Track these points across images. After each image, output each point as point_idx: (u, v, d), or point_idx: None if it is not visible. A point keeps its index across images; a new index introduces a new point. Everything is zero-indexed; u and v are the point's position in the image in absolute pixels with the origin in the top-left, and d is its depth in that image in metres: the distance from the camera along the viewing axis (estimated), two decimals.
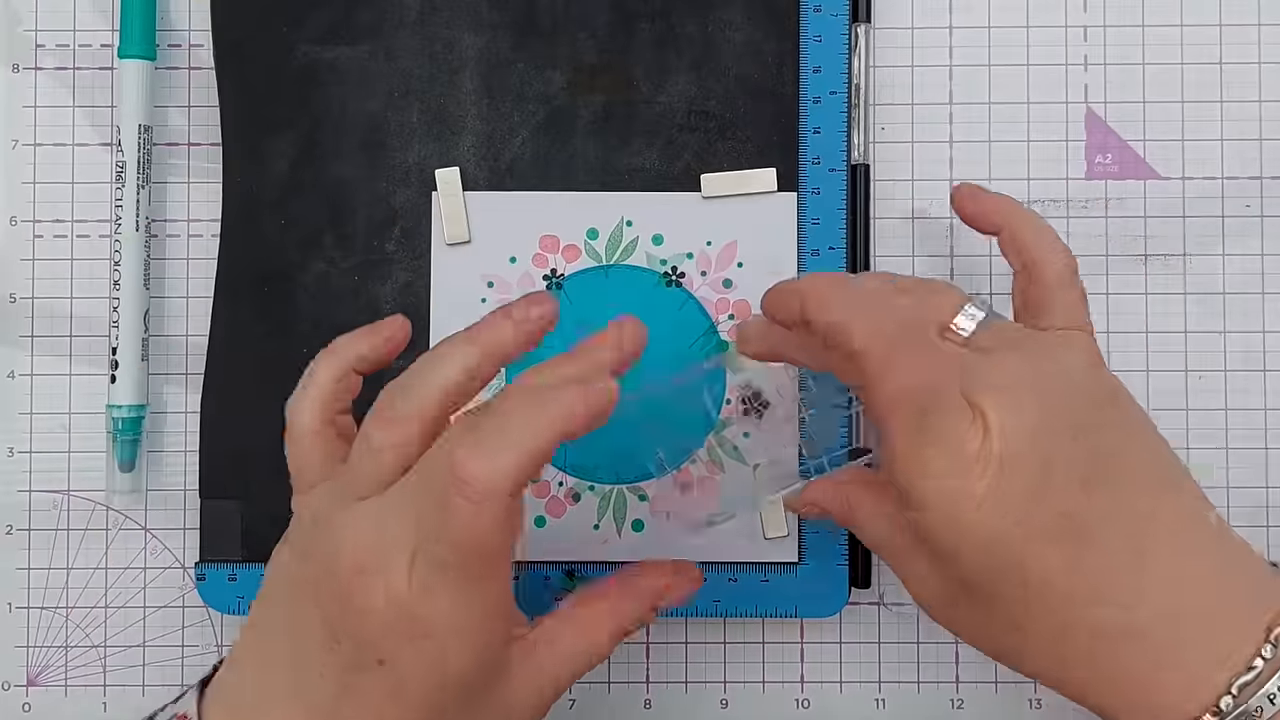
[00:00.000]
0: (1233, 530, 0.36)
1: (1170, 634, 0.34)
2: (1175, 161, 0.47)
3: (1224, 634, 0.34)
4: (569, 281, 0.46)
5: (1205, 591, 0.35)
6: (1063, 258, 0.39)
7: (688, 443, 0.45)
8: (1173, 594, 0.34)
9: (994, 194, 0.41)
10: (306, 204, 0.46)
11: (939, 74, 0.47)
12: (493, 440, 0.33)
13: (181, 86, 0.47)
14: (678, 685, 0.47)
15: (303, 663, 0.35)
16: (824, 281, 0.38)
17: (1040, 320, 0.38)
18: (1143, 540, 0.35)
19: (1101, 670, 0.35)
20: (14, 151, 0.47)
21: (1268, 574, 0.36)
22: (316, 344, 0.46)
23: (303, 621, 0.35)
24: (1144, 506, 0.35)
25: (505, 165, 0.46)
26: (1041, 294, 0.38)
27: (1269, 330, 0.47)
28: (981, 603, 0.36)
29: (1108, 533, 0.34)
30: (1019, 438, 0.34)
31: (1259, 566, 0.36)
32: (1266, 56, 0.47)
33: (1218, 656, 0.34)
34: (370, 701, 0.35)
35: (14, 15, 0.47)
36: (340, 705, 0.35)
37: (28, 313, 0.47)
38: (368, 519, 0.35)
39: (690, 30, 0.46)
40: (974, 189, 0.41)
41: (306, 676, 0.35)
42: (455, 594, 0.34)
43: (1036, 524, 0.34)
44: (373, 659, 0.34)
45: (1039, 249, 0.39)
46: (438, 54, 0.46)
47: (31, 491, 0.47)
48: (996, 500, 0.34)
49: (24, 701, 0.46)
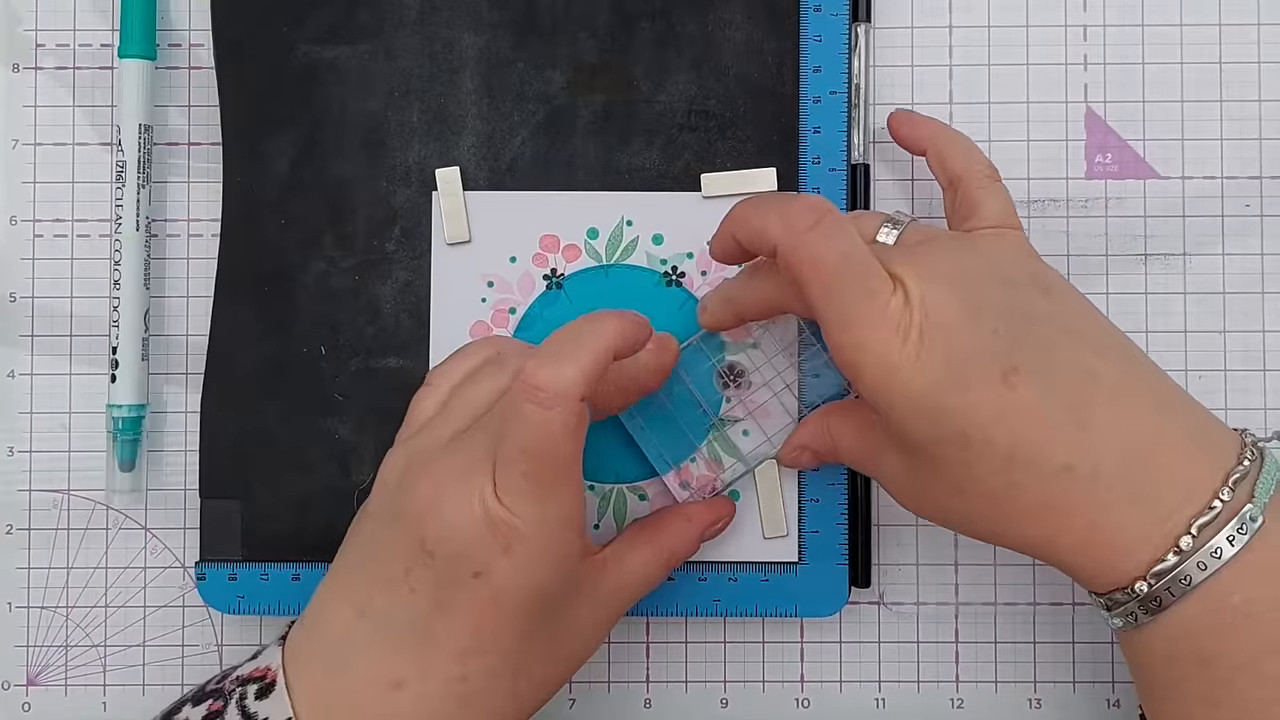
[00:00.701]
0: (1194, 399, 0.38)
1: (1123, 477, 0.35)
2: (1175, 161, 0.47)
3: (1181, 477, 0.35)
4: (569, 281, 0.46)
5: (1156, 442, 0.35)
6: (983, 164, 0.41)
7: (688, 441, 0.45)
8: (1119, 446, 0.35)
9: (924, 117, 0.44)
10: (306, 204, 0.46)
11: (939, 74, 0.47)
12: (558, 351, 0.36)
13: (181, 86, 0.47)
14: (678, 685, 0.47)
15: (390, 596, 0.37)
16: (742, 202, 0.40)
17: (967, 224, 0.40)
18: (1085, 395, 0.35)
19: (1051, 524, 0.36)
20: (14, 151, 0.47)
21: (1226, 431, 0.37)
22: (316, 344, 0.46)
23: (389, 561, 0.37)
24: (1083, 366, 0.36)
25: (505, 165, 0.46)
26: (966, 200, 0.41)
27: (1269, 330, 0.47)
28: (928, 470, 0.37)
29: (1046, 389, 0.35)
30: (941, 308, 0.35)
31: (1217, 425, 0.37)
32: (1266, 56, 0.47)
33: (1175, 499, 0.35)
34: (468, 613, 0.36)
35: (14, 15, 0.47)
36: (434, 622, 0.37)
37: (28, 312, 0.47)
38: (454, 450, 0.38)
39: (690, 30, 0.46)
40: (907, 114, 0.44)
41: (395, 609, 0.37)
42: (535, 501, 0.36)
43: (970, 383, 0.35)
44: (468, 572, 0.36)
45: (960, 159, 0.41)
46: (438, 54, 0.46)
47: (31, 491, 0.47)
48: (922, 361, 0.35)
49: (24, 701, 0.46)
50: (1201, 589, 0.34)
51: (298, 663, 0.38)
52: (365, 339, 0.46)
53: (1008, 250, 0.39)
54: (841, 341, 0.36)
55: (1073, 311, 0.38)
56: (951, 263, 0.37)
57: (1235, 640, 0.34)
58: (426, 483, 0.37)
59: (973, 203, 0.40)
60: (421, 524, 0.36)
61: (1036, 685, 0.46)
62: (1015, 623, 0.46)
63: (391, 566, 0.37)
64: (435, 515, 0.36)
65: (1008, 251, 0.39)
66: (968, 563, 0.47)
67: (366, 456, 0.45)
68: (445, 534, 0.36)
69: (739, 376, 0.45)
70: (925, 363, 0.35)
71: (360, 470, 0.45)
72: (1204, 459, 0.35)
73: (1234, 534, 0.34)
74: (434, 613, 0.37)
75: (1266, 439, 0.40)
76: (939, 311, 0.35)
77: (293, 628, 0.40)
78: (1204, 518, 0.34)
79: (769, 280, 0.41)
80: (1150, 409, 0.36)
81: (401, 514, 0.37)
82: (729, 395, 0.45)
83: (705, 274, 0.46)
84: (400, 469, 0.39)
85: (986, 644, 0.46)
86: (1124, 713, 0.46)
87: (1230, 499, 0.34)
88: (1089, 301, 0.39)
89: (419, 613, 0.37)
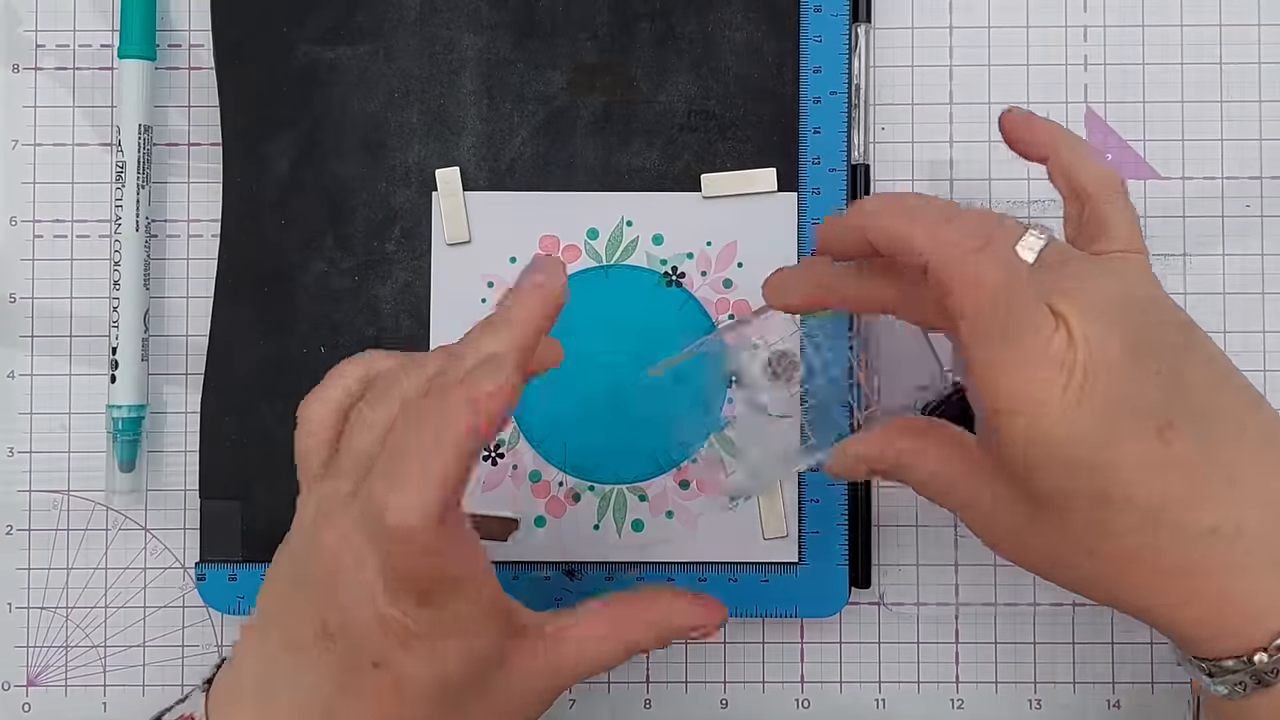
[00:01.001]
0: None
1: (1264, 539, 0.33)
2: (1175, 161, 0.47)
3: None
4: (569, 281, 0.46)
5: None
6: (1113, 179, 0.38)
7: (689, 441, 0.45)
8: (1262, 509, 0.33)
9: (1043, 120, 0.39)
10: (306, 204, 0.46)
11: (939, 74, 0.47)
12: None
13: (181, 86, 0.47)
14: (678, 685, 0.47)
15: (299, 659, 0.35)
16: (883, 199, 0.35)
17: (1095, 245, 0.37)
18: (1232, 456, 0.33)
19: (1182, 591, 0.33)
20: (14, 151, 0.47)
21: None
22: (316, 344, 0.46)
23: (297, 618, 0.35)
24: (1232, 424, 0.34)
25: (505, 165, 0.46)
26: (1095, 218, 0.37)
27: (1269, 330, 0.47)
28: (1054, 523, 0.34)
29: (1196, 448, 0.33)
30: (1104, 347, 0.32)
31: None
32: (1266, 56, 0.47)
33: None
34: (371, 699, 0.34)
35: (14, 15, 0.47)
36: (338, 703, 0.34)
37: (28, 313, 0.47)
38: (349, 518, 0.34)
39: (690, 30, 0.46)
40: (1025, 116, 0.39)
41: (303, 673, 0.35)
42: (426, 608, 0.33)
43: (1121, 437, 0.32)
44: (367, 661, 0.34)
45: (1090, 172, 0.38)
46: (438, 54, 0.46)
47: (31, 491, 0.47)
48: (1080, 409, 0.32)
49: (24, 701, 0.46)
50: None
51: (223, 706, 0.36)
52: (365, 339, 0.46)
53: (1143, 282, 0.36)
54: (993, 380, 0.33)
55: (1211, 353, 0.35)
56: (1106, 294, 0.34)
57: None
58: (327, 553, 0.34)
59: (1102, 221, 0.37)
60: (323, 603, 0.34)
61: (1036, 686, 0.46)
62: (1015, 623, 0.46)
63: (299, 631, 0.35)
64: (333, 599, 0.33)
65: (1144, 283, 0.36)
66: (968, 563, 0.47)
67: None
68: (344, 621, 0.34)
69: (790, 369, 0.42)
70: (1085, 410, 0.32)
71: None
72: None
73: None
74: (337, 694, 0.34)
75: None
76: (1104, 351, 0.32)
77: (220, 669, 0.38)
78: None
79: (890, 284, 0.36)
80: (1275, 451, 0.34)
81: (308, 579, 0.34)
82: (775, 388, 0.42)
83: (705, 274, 0.46)
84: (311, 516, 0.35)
85: (986, 644, 0.46)
86: (1124, 713, 0.46)
87: None
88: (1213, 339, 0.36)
89: (324, 684, 0.34)
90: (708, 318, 0.46)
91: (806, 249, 0.46)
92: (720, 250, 0.46)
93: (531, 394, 0.46)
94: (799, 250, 0.46)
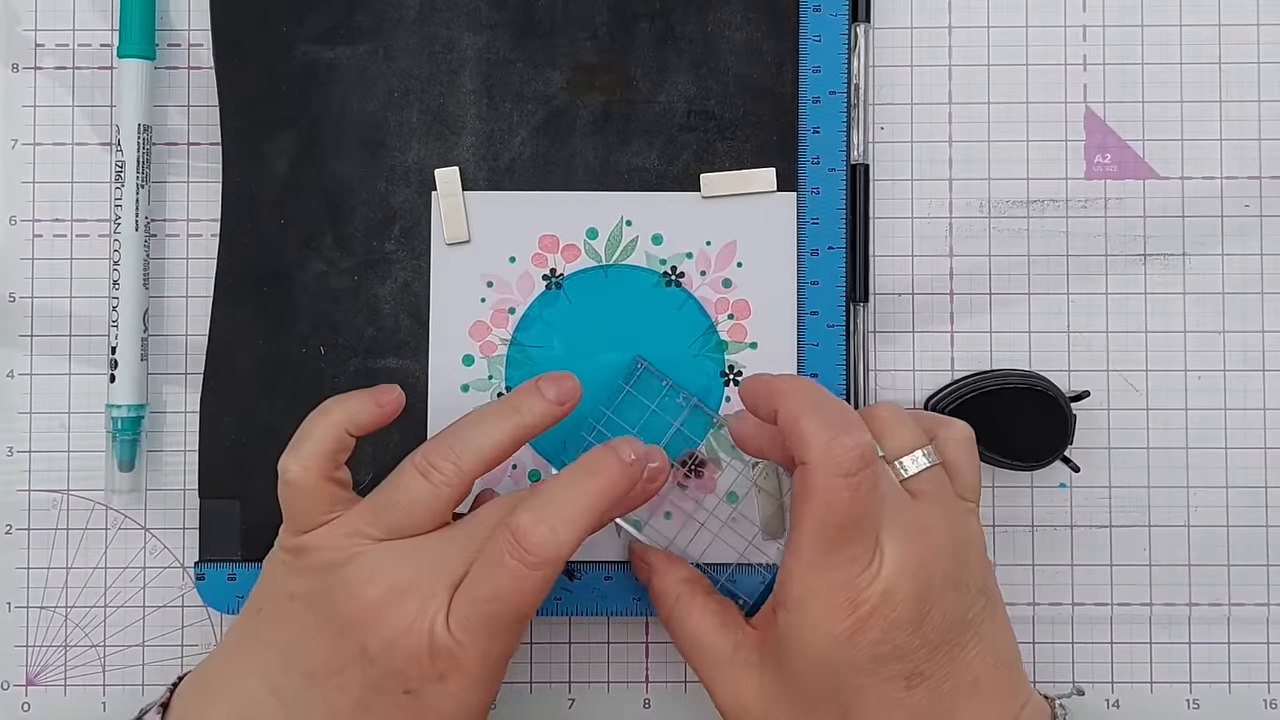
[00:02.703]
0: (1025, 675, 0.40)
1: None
2: (1174, 161, 0.47)
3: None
4: (569, 281, 0.46)
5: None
6: (961, 427, 0.41)
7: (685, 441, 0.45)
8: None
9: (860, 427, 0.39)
10: (306, 204, 0.46)
11: (939, 74, 0.47)
12: (554, 509, 0.37)
13: (181, 86, 0.47)
14: (677, 685, 0.47)
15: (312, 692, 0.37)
16: (802, 389, 0.39)
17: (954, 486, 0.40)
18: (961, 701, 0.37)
19: None
20: (14, 151, 0.47)
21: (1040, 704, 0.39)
22: (316, 344, 0.46)
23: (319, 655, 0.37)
24: (974, 676, 0.38)
25: (505, 165, 0.46)
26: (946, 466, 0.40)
27: (1268, 330, 0.47)
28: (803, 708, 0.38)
29: (933, 700, 0.37)
30: (899, 604, 0.36)
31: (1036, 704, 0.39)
32: (1266, 56, 0.47)
33: None
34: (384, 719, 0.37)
35: (14, 15, 0.47)
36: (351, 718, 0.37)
37: (27, 312, 0.47)
38: (405, 559, 0.38)
39: (690, 30, 0.46)
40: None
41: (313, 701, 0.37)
42: (489, 642, 0.37)
43: (876, 673, 0.37)
44: (399, 687, 0.37)
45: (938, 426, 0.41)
46: (437, 54, 0.46)
47: (31, 491, 0.47)
48: (851, 641, 0.36)
49: (23, 701, 0.46)
50: None
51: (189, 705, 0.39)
52: (364, 339, 0.46)
53: (975, 543, 0.40)
54: (799, 581, 0.37)
55: (994, 619, 0.39)
56: (932, 546, 0.37)
57: None
58: (373, 586, 0.37)
59: (953, 471, 0.40)
60: (363, 628, 0.37)
61: (1036, 685, 0.46)
62: (1015, 623, 0.46)
63: (321, 660, 0.37)
64: (380, 625, 0.37)
65: (975, 545, 0.39)
66: None
67: (364, 456, 0.45)
68: (387, 648, 0.37)
69: (700, 467, 0.45)
70: (857, 641, 0.36)
71: (358, 470, 0.45)
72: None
73: None
74: (358, 711, 0.37)
75: (1065, 696, 0.41)
76: (894, 605, 0.36)
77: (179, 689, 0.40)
78: None
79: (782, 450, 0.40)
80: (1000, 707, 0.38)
81: (339, 611, 0.37)
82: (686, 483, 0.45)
83: (704, 274, 0.46)
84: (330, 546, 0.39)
85: None
86: (1124, 713, 0.46)
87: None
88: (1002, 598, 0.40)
89: (340, 710, 0.37)
90: (707, 317, 0.46)
91: (806, 248, 0.46)
92: (720, 250, 0.46)
93: None
94: (798, 250, 0.46)
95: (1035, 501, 0.47)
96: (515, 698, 0.47)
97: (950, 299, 0.47)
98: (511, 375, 0.46)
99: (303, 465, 0.40)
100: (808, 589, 0.37)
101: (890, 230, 0.47)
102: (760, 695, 0.39)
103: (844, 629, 0.36)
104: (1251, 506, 0.46)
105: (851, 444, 0.36)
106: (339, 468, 0.40)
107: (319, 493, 0.40)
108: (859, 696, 0.37)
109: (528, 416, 0.39)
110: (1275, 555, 0.46)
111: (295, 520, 0.40)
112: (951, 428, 0.41)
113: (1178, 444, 0.47)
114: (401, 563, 0.37)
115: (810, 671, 0.37)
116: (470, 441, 0.39)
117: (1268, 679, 0.46)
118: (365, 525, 0.39)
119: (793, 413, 0.37)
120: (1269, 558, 0.46)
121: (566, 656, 0.47)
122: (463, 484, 0.39)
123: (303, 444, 0.40)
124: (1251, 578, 0.46)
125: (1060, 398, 0.45)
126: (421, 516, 0.38)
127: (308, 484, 0.39)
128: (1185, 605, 0.47)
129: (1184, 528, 0.47)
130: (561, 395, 0.40)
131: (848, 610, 0.36)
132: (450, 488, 0.38)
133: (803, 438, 0.37)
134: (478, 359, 0.46)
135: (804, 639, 0.37)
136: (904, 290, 0.47)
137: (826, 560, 0.36)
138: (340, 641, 0.37)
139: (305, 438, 0.40)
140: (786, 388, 0.38)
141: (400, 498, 0.39)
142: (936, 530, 0.38)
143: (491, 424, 0.39)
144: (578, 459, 0.39)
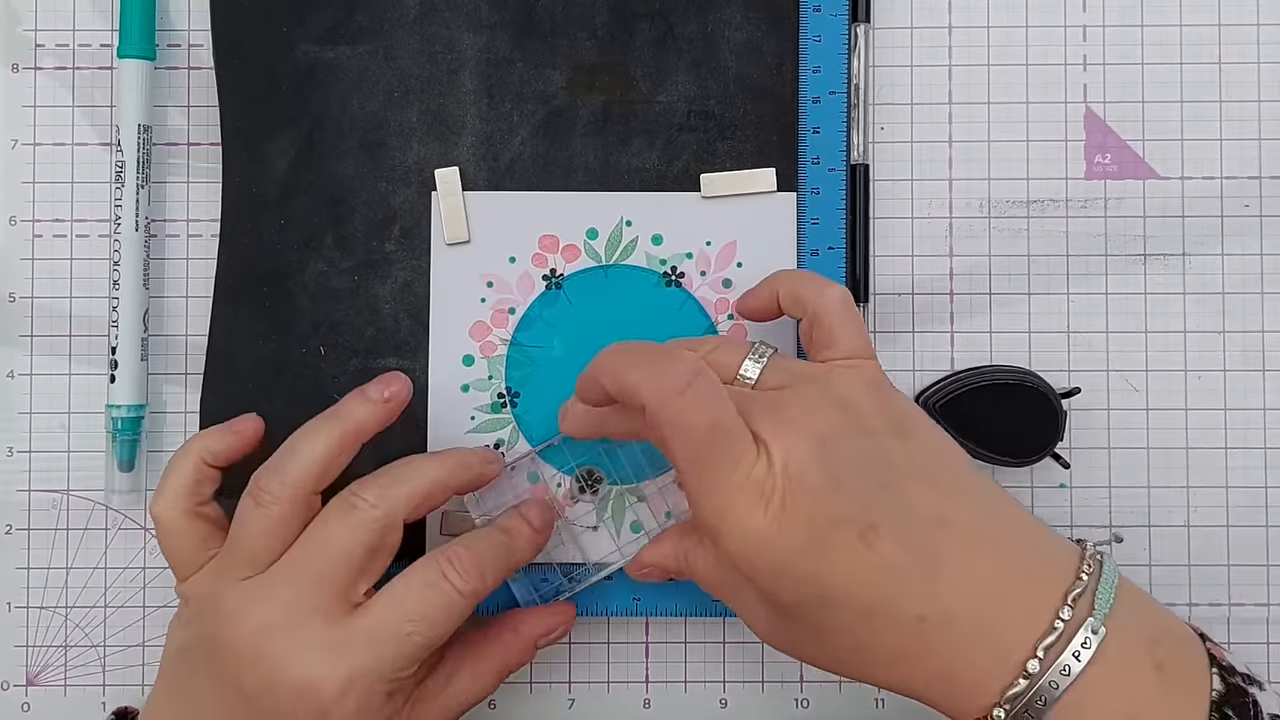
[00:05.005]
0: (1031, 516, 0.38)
1: (972, 619, 0.35)
2: (1174, 161, 0.47)
3: (1023, 607, 0.35)
4: (568, 281, 0.46)
5: (1001, 579, 0.36)
6: (834, 290, 0.41)
7: None
8: (968, 590, 0.36)
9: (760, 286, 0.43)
10: (306, 204, 0.46)
11: (938, 74, 0.47)
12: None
13: (181, 86, 0.47)
14: (677, 685, 0.47)
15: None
16: (614, 351, 0.39)
17: (825, 354, 0.40)
18: (936, 544, 0.36)
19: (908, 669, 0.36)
20: (14, 151, 0.47)
21: (1065, 549, 0.37)
22: (316, 344, 0.46)
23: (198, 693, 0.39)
24: (937, 514, 0.36)
25: (505, 165, 0.46)
26: (822, 331, 0.40)
27: (1268, 330, 0.47)
28: (787, 618, 0.37)
29: (899, 546, 0.35)
30: (802, 473, 0.36)
31: (1058, 543, 0.37)
32: (1266, 56, 0.47)
33: (1020, 626, 0.35)
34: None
35: (14, 15, 0.47)
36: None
37: (27, 312, 0.47)
38: (256, 599, 0.39)
39: (690, 30, 0.46)
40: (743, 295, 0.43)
41: None
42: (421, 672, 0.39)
43: (827, 547, 0.35)
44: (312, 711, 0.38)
45: (811, 291, 0.41)
46: (437, 54, 0.46)
47: (31, 491, 0.47)
48: (782, 527, 0.35)
49: (23, 701, 0.46)
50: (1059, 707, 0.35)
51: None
52: (365, 339, 0.46)
53: (866, 389, 0.39)
54: (704, 506, 0.36)
55: (928, 452, 0.38)
56: (812, 417, 0.37)
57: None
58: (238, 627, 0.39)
59: (829, 333, 0.40)
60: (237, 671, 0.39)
61: None
62: None
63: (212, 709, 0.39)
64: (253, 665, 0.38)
65: (866, 391, 0.38)
66: None
67: (364, 456, 0.45)
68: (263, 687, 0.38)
69: (596, 483, 0.45)
70: (787, 529, 0.35)
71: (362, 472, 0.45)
72: (1046, 583, 0.36)
73: (1079, 649, 0.35)
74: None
75: (1104, 543, 0.40)
76: (801, 477, 0.36)
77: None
78: (1048, 639, 0.35)
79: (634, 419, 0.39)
80: (996, 549, 0.36)
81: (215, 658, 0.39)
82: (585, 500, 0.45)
83: (704, 274, 0.46)
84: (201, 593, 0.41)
85: None
86: None
87: (1071, 616, 0.35)
88: (941, 432, 0.39)
89: None
90: (707, 317, 0.46)
91: (806, 249, 0.46)
92: (719, 250, 0.46)
93: (531, 395, 0.46)
94: (798, 250, 0.46)
95: (1035, 502, 0.47)
96: (515, 698, 0.47)
97: (950, 299, 0.47)
98: (511, 375, 0.46)
99: (166, 502, 0.41)
100: (716, 509, 0.36)
101: (890, 230, 0.47)
102: (768, 621, 0.39)
103: (768, 520, 0.35)
104: (1251, 507, 0.46)
105: (673, 365, 0.36)
106: (205, 501, 0.42)
107: (189, 529, 0.41)
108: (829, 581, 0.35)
109: (349, 422, 0.41)
110: (1275, 555, 0.46)
111: (176, 565, 0.42)
112: (823, 291, 0.41)
113: (1177, 444, 0.47)
114: (259, 599, 0.39)
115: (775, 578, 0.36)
116: (296, 456, 0.40)
117: (1268, 679, 0.46)
118: (226, 567, 0.40)
119: (614, 374, 0.37)
120: (1269, 558, 0.46)
121: (566, 656, 0.47)
122: (296, 499, 0.40)
123: (164, 483, 0.42)
124: (1251, 578, 0.47)
125: (1050, 394, 0.45)
126: (265, 542, 0.40)
127: (175, 522, 0.41)
128: (1185, 605, 0.47)
129: (1184, 528, 0.47)
130: (389, 394, 0.41)
131: (761, 503, 0.35)
132: (279, 505, 0.40)
133: (631, 386, 0.37)
134: (478, 359, 0.46)
135: (745, 554, 0.36)
136: (904, 290, 0.47)
137: (714, 475, 0.36)
138: (223, 687, 0.39)
139: (165, 476, 0.42)
140: (601, 360, 0.39)
141: (242, 531, 0.40)
142: (809, 398, 0.38)
143: (315, 434, 0.41)
144: None
